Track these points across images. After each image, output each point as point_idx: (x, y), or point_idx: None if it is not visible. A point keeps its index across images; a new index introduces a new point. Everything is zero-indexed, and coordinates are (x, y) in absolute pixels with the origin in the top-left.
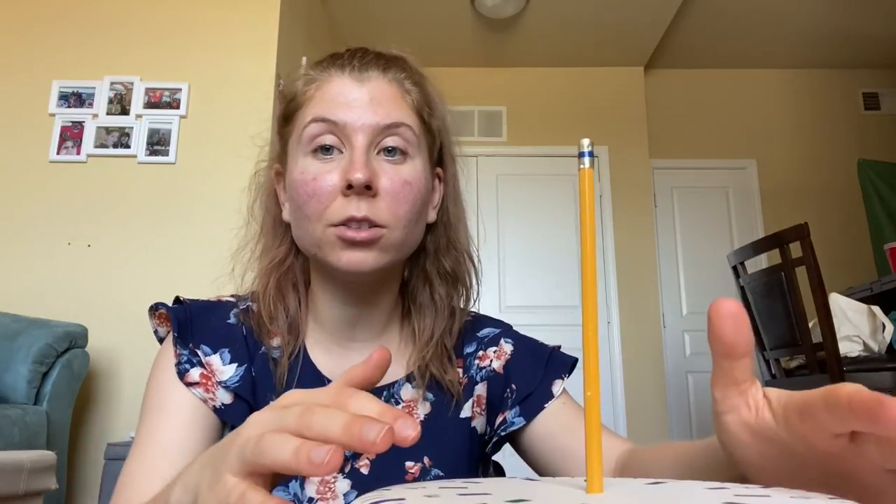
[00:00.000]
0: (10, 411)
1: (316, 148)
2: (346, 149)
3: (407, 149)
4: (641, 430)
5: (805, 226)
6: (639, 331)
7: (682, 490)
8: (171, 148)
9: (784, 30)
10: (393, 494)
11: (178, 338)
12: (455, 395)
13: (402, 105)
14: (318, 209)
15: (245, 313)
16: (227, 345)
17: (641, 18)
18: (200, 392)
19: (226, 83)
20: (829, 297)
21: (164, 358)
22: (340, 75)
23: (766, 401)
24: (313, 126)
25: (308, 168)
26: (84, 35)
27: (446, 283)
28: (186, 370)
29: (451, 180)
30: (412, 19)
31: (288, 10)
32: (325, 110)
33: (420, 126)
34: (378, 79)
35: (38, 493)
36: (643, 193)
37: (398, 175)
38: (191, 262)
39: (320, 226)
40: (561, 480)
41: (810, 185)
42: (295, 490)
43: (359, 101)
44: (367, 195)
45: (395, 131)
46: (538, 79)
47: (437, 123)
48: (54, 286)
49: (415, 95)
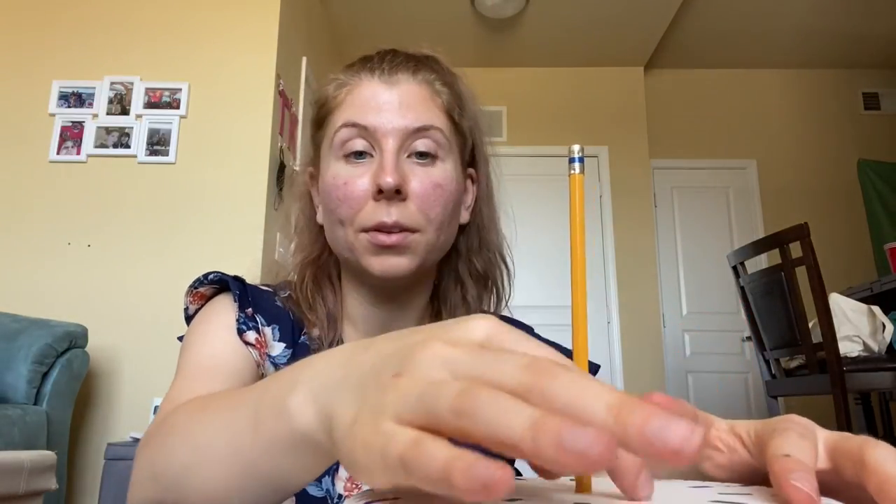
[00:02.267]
0: (10, 411)
1: (347, 153)
2: (377, 153)
3: (437, 152)
4: None
5: (805, 226)
6: (639, 331)
7: (668, 489)
8: (171, 148)
9: (784, 30)
10: (388, 491)
11: (240, 297)
12: None
13: (432, 107)
14: (349, 214)
15: (288, 300)
16: (279, 322)
17: (641, 18)
18: (255, 353)
19: (226, 83)
20: (829, 297)
21: (218, 309)
22: (370, 79)
23: (736, 438)
24: (344, 131)
25: (339, 173)
26: (84, 35)
27: (478, 284)
28: (244, 330)
29: (483, 180)
30: (412, 19)
31: (288, 10)
32: (355, 115)
33: (450, 128)
34: (408, 81)
35: (38, 493)
36: (643, 193)
37: (429, 178)
38: (191, 261)
39: (352, 230)
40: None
41: (810, 185)
42: (327, 486)
43: (389, 105)
44: (398, 199)
45: (425, 134)
46: (538, 79)
47: (467, 124)
48: (54, 286)
49: (445, 97)
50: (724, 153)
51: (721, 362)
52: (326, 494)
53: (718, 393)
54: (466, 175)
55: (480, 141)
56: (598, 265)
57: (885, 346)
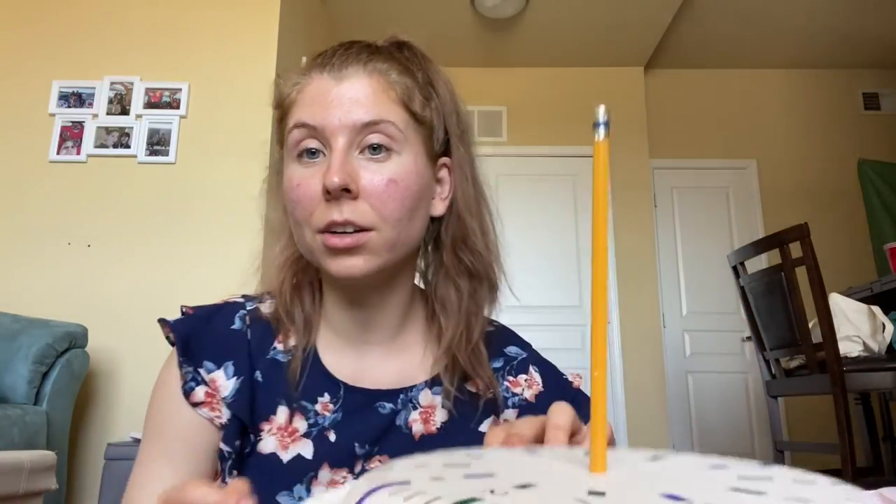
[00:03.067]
0: (10, 411)
1: (300, 152)
2: (328, 151)
3: (391, 145)
4: (641, 430)
5: (805, 226)
6: (639, 331)
7: (683, 469)
8: (171, 148)
9: (784, 30)
10: (397, 476)
11: (182, 359)
12: (473, 407)
13: (385, 100)
14: (304, 216)
15: (253, 314)
16: (231, 356)
17: (641, 18)
18: (206, 412)
19: (226, 83)
20: (829, 297)
21: (167, 378)
22: (320, 75)
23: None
24: (295, 132)
25: (293, 174)
26: (84, 35)
27: (469, 276)
28: (192, 388)
29: (460, 168)
30: (412, 19)
31: (288, 10)
32: (304, 114)
33: (407, 119)
34: (357, 74)
35: (38, 493)
36: (643, 193)
37: (381, 174)
38: (191, 261)
39: (309, 232)
40: (562, 454)
41: (810, 185)
42: (300, 493)
43: (336, 101)
44: (348, 198)
45: (375, 129)
46: (538, 79)
47: (433, 112)
48: (54, 286)
49: (400, 87)
50: (724, 153)
51: (721, 362)
52: (299, 502)
53: (718, 393)
54: (439, 165)
55: (458, 128)
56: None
57: (885, 346)
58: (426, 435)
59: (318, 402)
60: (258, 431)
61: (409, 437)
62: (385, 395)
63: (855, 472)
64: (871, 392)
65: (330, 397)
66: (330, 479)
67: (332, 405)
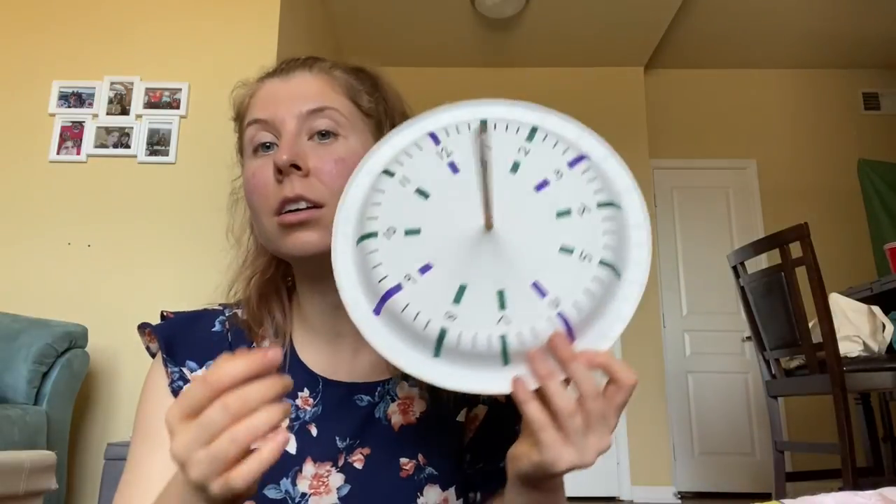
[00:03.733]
0: (10, 411)
1: (255, 147)
2: (280, 140)
3: (338, 130)
4: (641, 430)
5: (805, 226)
6: (639, 331)
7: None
8: (171, 148)
9: (784, 30)
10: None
11: (167, 358)
12: (448, 396)
13: (329, 91)
14: (260, 202)
15: (231, 320)
16: (213, 356)
17: (641, 18)
18: None
19: (226, 83)
20: (829, 297)
21: (153, 378)
22: (270, 80)
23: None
24: (250, 129)
25: (250, 167)
26: (84, 35)
27: None
28: (180, 387)
29: None
30: (412, 19)
31: (288, 10)
32: (256, 112)
33: (353, 108)
34: (303, 74)
35: (38, 493)
36: (643, 193)
37: (329, 154)
38: (190, 261)
39: (266, 218)
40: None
41: (810, 185)
42: (286, 487)
43: (285, 95)
44: (298, 175)
45: (321, 114)
46: (538, 79)
47: (380, 108)
48: (54, 286)
49: (343, 82)
50: (724, 153)
51: (721, 362)
52: (286, 496)
53: (718, 393)
54: None
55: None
56: None
57: (885, 346)
58: (405, 425)
59: (299, 396)
60: None
61: (389, 428)
62: (363, 388)
63: (855, 472)
64: (871, 392)
65: (309, 392)
66: (314, 472)
67: (312, 399)
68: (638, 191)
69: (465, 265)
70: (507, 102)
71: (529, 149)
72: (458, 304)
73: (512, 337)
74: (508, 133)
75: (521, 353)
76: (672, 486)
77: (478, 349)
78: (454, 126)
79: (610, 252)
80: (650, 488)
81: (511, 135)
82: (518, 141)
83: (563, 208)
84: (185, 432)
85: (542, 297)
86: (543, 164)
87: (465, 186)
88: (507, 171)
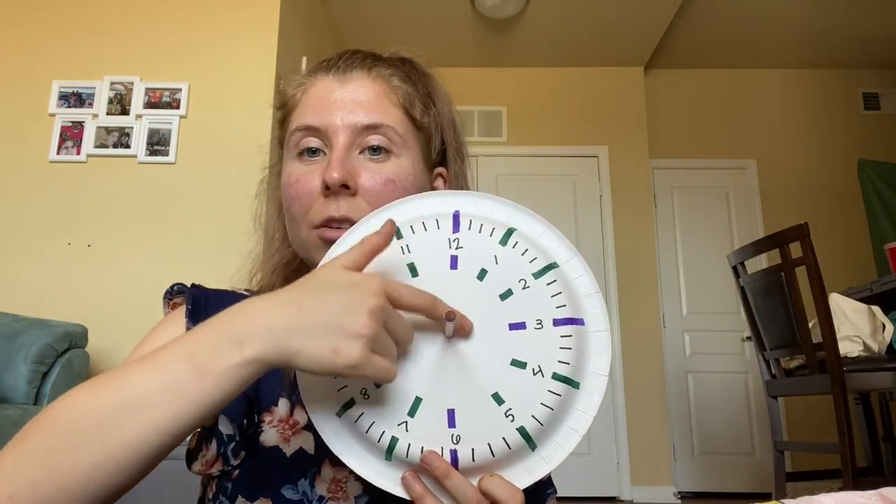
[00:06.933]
0: (10, 411)
1: (301, 151)
2: (329, 150)
3: (391, 147)
4: (641, 430)
5: (805, 226)
6: (639, 331)
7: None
8: (171, 148)
9: (784, 30)
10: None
11: (191, 310)
12: None
13: (386, 104)
14: (300, 211)
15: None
16: None
17: (641, 18)
18: None
19: (226, 83)
20: (829, 297)
21: (166, 326)
22: (325, 77)
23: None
24: (298, 134)
25: (293, 171)
26: (84, 35)
27: None
28: None
29: (455, 179)
30: (412, 19)
31: (288, 10)
32: (308, 116)
33: (407, 124)
34: (361, 78)
35: None
36: (643, 193)
37: (380, 173)
38: (191, 261)
39: (304, 228)
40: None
41: (810, 185)
42: (304, 488)
43: (340, 102)
44: (346, 194)
45: (376, 130)
46: (538, 79)
47: (431, 121)
48: (54, 286)
49: (402, 92)
50: (724, 153)
51: (721, 362)
52: (303, 497)
53: (718, 393)
54: (435, 174)
55: (454, 140)
56: (597, 265)
57: (885, 346)
58: None
59: None
60: (259, 422)
61: None
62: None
63: (855, 472)
64: (871, 392)
65: None
66: (332, 476)
67: None
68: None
69: (425, 376)
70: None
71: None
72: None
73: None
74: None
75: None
76: (672, 486)
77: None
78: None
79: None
80: (650, 488)
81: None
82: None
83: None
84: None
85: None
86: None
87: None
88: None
